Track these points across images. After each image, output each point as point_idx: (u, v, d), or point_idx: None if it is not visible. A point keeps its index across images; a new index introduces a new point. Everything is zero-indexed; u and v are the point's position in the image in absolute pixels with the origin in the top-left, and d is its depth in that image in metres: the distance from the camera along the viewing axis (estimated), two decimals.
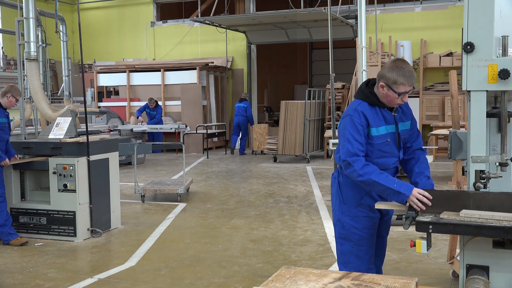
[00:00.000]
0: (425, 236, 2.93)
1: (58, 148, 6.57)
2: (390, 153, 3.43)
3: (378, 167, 3.31)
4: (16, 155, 6.50)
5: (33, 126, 11.59)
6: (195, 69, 16.70)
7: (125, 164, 12.94)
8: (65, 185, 6.38)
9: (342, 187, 3.52)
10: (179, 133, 15.57)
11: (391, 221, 3.75)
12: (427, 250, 2.92)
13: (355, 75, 13.90)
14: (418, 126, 14.66)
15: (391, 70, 3.26)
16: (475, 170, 2.98)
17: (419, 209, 3.11)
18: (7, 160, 6.29)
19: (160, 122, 15.70)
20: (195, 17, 17.59)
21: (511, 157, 3.06)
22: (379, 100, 3.38)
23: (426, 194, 3.13)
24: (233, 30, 17.78)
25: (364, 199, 3.45)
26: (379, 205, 3.33)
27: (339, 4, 14.87)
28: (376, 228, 3.55)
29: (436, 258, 5.40)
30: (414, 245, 2.95)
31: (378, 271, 3.70)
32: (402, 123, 3.48)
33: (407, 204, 3.17)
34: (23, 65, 8.62)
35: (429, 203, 3.11)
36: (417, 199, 3.12)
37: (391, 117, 3.42)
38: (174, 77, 17.04)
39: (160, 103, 16.96)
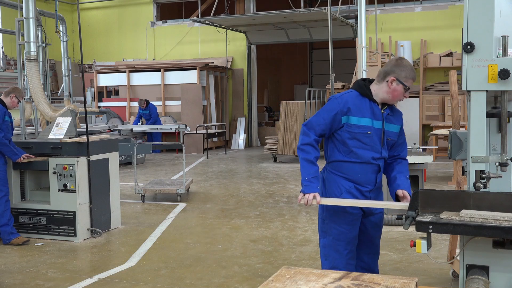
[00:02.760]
0: (425, 236, 2.93)
1: (58, 148, 6.57)
2: (371, 147, 3.48)
3: (356, 157, 3.47)
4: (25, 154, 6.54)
5: (33, 126, 11.59)
6: (195, 69, 16.70)
7: (125, 164, 12.94)
8: (65, 185, 6.38)
9: (325, 183, 3.63)
10: (179, 133, 15.57)
11: (381, 221, 3.70)
12: (427, 250, 2.92)
13: (355, 75, 13.90)
14: (418, 126, 14.73)
15: (400, 66, 3.43)
16: (475, 170, 2.98)
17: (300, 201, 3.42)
18: (22, 157, 6.39)
19: (157, 121, 15.65)
20: (195, 17, 17.60)
21: (511, 157, 3.06)
22: (372, 95, 3.51)
23: (316, 201, 3.37)
24: (233, 30, 17.78)
25: (343, 195, 3.52)
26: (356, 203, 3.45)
27: (339, 4, 14.88)
28: (357, 224, 3.57)
29: (436, 258, 5.40)
30: (414, 245, 2.95)
31: (369, 268, 3.70)
32: (391, 124, 3.56)
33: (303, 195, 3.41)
34: (23, 65, 8.62)
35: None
36: (306, 199, 3.39)
37: (380, 114, 3.51)
38: (174, 77, 17.05)
39: (160, 103, 16.98)
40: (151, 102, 16.05)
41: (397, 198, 3.55)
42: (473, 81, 2.93)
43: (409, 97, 14.02)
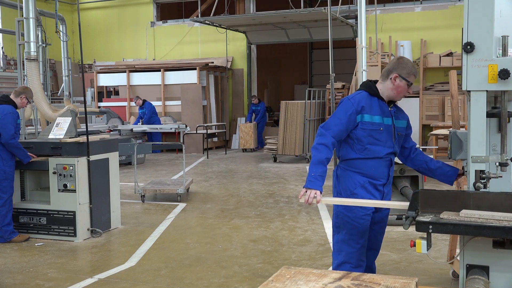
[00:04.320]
0: (425, 236, 2.93)
1: (58, 148, 6.57)
2: (384, 142, 3.62)
3: (370, 154, 3.58)
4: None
5: (33, 126, 11.60)
6: (195, 69, 16.70)
7: (125, 164, 12.94)
8: (65, 185, 6.38)
9: (339, 179, 3.72)
10: (179, 133, 15.56)
11: (387, 218, 3.82)
12: (427, 250, 2.92)
13: (355, 75, 13.90)
14: (418, 126, 14.73)
15: (402, 64, 3.59)
16: (475, 170, 2.98)
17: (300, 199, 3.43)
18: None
19: (153, 119, 15.48)
20: (195, 17, 17.59)
21: (511, 157, 3.05)
22: (379, 94, 3.67)
23: (316, 200, 3.38)
24: (233, 30, 17.78)
25: (357, 189, 3.61)
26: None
27: (339, 4, 14.87)
28: (369, 220, 3.67)
29: (436, 258, 5.40)
30: (414, 245, 2.95)
31: (370, 263, 3.83)
32: (398, 120, 3.72)
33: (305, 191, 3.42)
34: (23, 65, 8.63)
35: (309, 203, 3.41)
36: (308, 196, 3.39)
37: (388, 111, 3.67)
38: (174, 77, 17.04)
39: (160, 103, 16.97)
40: (151, 102, 16.02)
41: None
42: (473, 81, 2.94)
43: (409, 97, 13.83)
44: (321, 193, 3.45)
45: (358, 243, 3.63)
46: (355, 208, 3.59)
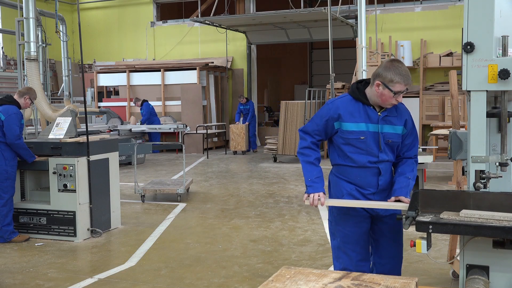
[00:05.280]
0: (425, 236, 2.93)
1: (58, 148, 6.57)
2: (366, 151, 3.42)
3: (352, 162, 3.44)
4: None
5: (33, 126, 11.59)
6: (195, 69, 16.70)
7: (125, 164, 12.94)
8: (65, 185, 6.38)
9: (330, 185, 3.65)
10: (179, 133, 15.56)
11: (399, 224, 3.60)
12: (427, 250, 2.92)
13: (355, 75, 13.90)
14: (418, 126, 14.69)
15: (388, 69, 3.30)
16: (475, 170, 2.98)
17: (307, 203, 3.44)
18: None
19: (151, 120, 15.43)
20: (195, 17, 17.60)
21: (511, 157, 3.05)
22: (366, 98, 3.43)
23: (320, 202, 3.39)
24: (233, 30, 17.79)
25: (345, 197, 3.50)
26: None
27: (339, 4, 14.88)
28: (363, 226, 3.52)
29: (436, 258, 5.40)
30: (414, 245, 2.95)
31: (384, 270, 3.56)
32: (391, 125, 3.44)
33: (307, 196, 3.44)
34: (23, 65, 8.63)
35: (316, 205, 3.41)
36: (312, 199, 3.40)
37: (375, 117, 3.42)
38: (174, 77, 17.05)
39: (160, 103, 16.97)
40: (151, 102, 16.02)
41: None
42: (473, 81, 2.93)
43: (409, 97, 13.82)
44: (324, 193, 3.41)
45: (354, 251, 3.51)
46: (344, 216, 3.52)
